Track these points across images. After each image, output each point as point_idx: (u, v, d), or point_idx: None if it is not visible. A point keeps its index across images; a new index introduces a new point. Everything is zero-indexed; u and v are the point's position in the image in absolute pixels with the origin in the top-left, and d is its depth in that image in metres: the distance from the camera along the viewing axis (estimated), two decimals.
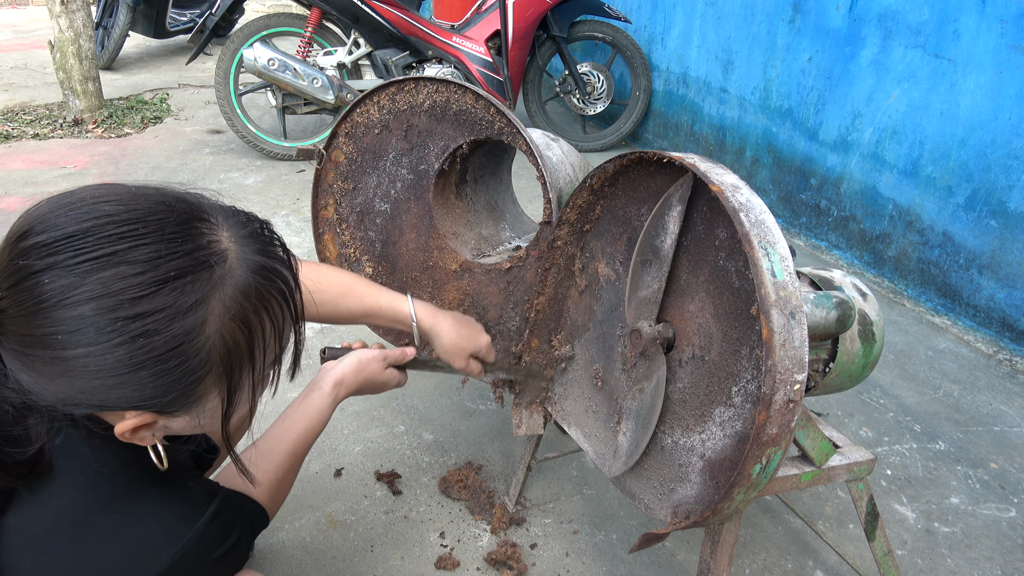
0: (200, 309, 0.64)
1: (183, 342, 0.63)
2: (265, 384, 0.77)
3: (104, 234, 0.61)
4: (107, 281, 0.60)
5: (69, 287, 0.60)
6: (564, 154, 1.46)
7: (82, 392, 0.63)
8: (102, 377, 0.62)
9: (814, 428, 1.16)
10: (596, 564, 1.47)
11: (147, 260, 0.61)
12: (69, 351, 0.61)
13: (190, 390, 0.67)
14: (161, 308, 0.62)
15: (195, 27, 3.73)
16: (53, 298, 0.60)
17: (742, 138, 3.55)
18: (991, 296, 2.41)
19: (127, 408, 0.66)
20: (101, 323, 0.60)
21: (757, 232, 0.87)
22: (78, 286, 0.60)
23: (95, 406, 0.65)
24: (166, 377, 0.64)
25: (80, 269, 0.60)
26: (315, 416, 1.08)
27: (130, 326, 0.61)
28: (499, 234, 1.63)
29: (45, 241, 0.61)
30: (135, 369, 0.62)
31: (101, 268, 0.60)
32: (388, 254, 1.55)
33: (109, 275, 0.60)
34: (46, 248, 0.61)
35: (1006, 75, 2.27)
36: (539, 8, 3.78)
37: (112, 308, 0.60)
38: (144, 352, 0.62)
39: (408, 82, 1.41)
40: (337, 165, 1.53)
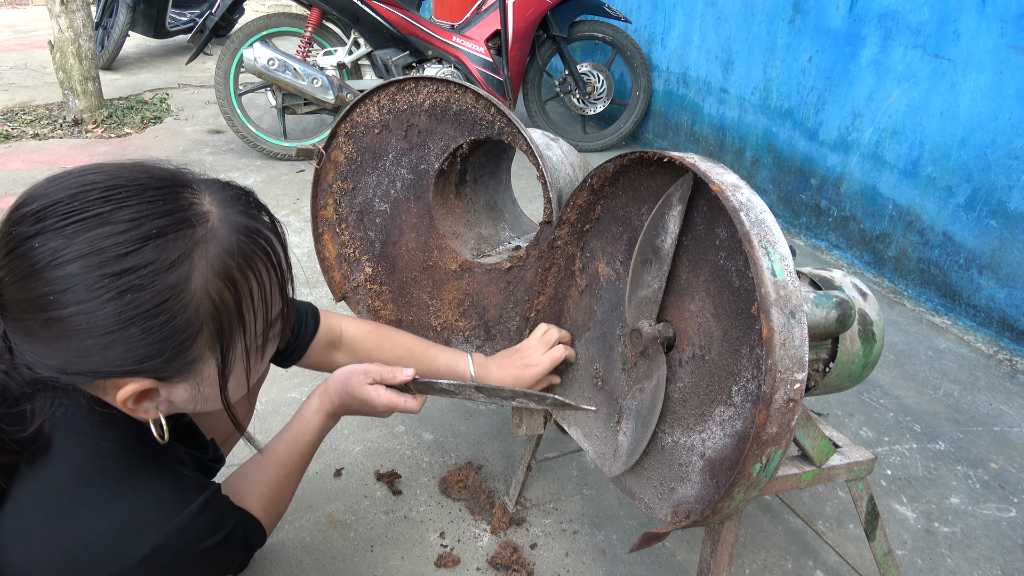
0: (184, 265, 0.66)
1: (169, 297, 0.66)
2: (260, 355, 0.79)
3: (89, 199, 0.65)
4: (93, 240, 0.63)
5: (58, 248, 0.63)
6: (564, 154, 1.46)
7: (79, 355, 0.65)
8: (95, 336, 0.64)
9: (814, 428, 1.16)
10: (596, 564, 1.47)
11: (130, 220, 0.65)
12: (62, 310, 0.63)
13: (183, 350, 0.69)
14: (145, 264, 0.64)
15: (195, 27, 3.73)
16: (44, 259, 0.63)
17: (742, 138, 3.55)
18: (991, 296, 2.41)
19: (124, 372, 0.68)
20: (89, 280, 0.63)
21: (757, 231, 0.87)
22: (66, 247, 0.63)
23: (92, 372, 0.67)
24: (156, 334, 0.66)
25: (67, 231, 0.63)
26: (300, 426, 1.08)
27: (117, 282, 0.63)
28: (499, 234, 1.63)
29: (35, 209, 0.65)
30: (125, 325, 0.65)
31: (87, 229, 0.64)
32: (388, 254, 1.55)
33: (94, 235, 0.64)
34: (35, 215, 0.65)
35: (1006, 75, 2.27)
36: (539, 8, 3.78)
37: (99, 265, 0.63)
38: (132, 308, 0.64)
39: (408, 82, 1.41)
40: (337, 165, 1.54)
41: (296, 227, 3.01)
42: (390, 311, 1.59)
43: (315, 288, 2.48)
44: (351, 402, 1.08)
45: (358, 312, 1.63)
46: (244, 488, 1.02)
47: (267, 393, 1.91)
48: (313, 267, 2.62)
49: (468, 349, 1.50)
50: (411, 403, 1.08)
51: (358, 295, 1.61)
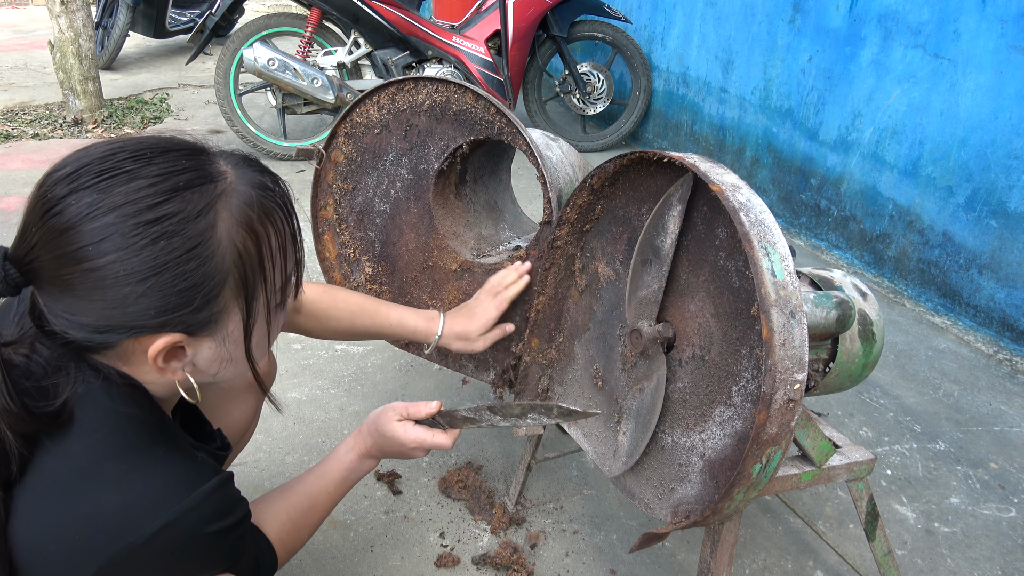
0: (209, 214, 0.71)
1: (199, 243, 0.70)
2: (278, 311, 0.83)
3: (118, 159, 0.70)
4: (126, 193, 0.68)
5: (93, 202, 0.68)
6: (564, 154, 1.46)
7: (115, 306, 0.69)
8: (132, 283, 0.68)
9: (814, 428, 1.16)
10: (596, 564, 1.47)
11: (158, 175, 0.70)
12: (99, 260, 0.68)
13: (211, 298, 0.73)
14: (175, 212, 0.69)
15: (195, 27, 3.73)
16: (80, 213, 0.67)
17: (742, 138, 3.55)
18: (991, 296, 2.41)
19: (155, 326, 0.71)
20: (124, 229, 0.68)
21: (757, 232, 0.87)
22: (101, 200, 0.68)
23: (126, 327, 0.71)
24: (188, 280, 0.70)
25: (100, 187, 0.68)
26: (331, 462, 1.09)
27: (151, 230, 0.68)
28: (499, 234, 1.63)
29: (67, 172, 0.70)
30: (159, 271, 0.69)
31: (119, 184, 0.69)
32: (388, 254, 1.55)
33: (126, 188, 0.69)
34: (68, 177, 0.69)
35: (1006, 75, 2.27)
36: (539, 8, 3.78)
37: (133, 215, 0.68)
38: (166, 253, 0.69)
39: (408, 82, 1.41)
40: (336, 165, 1.54)
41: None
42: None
43: None
44: (383, 442, 1.08)
45: None
46: (264, 513, 1.01)
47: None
48: (313, 267, 2.62)
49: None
50: (441, 439, 1.07)
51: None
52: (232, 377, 0.84)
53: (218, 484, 0.77)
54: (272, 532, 1.00)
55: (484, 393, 1.99)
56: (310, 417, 1.86)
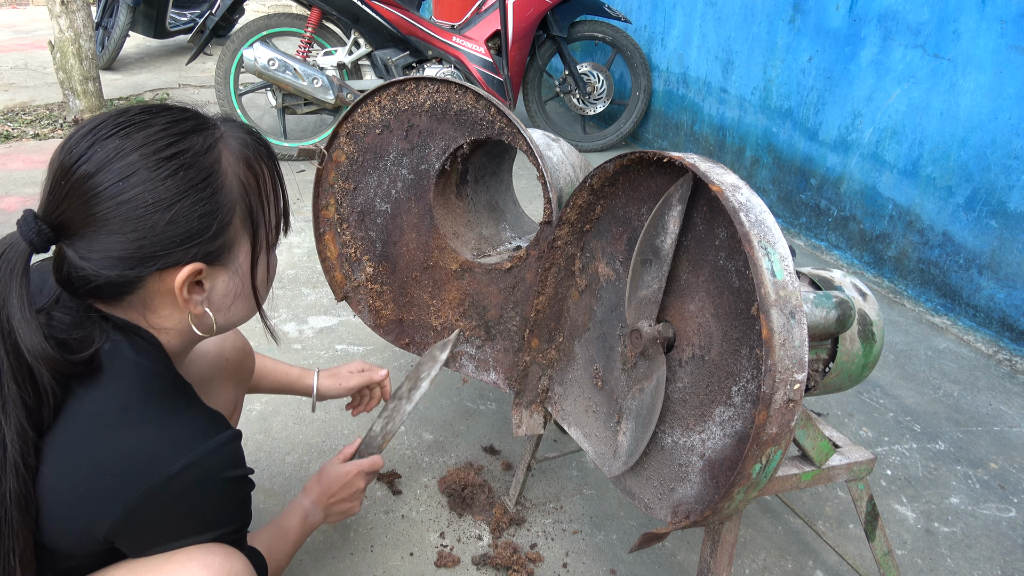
0: (215, 150, 0.82)
1: (210, 173, 0.81)
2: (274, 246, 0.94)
3: (130, 114, 0.80)
4: (144, 137, 0.78)
5: (118, 146, 0.77)
6: (564, 154, 1.46)
7: (145, 235, 0.77)
8: (159, 210, 0.78)
9: (814, 428, 1.16)
10: (596, 564, 1.47)
11: (167, 123, 0.81)
12: (130, 191, 0.77)
13: (225, 226, 0.83)
14: (189, 149, 0.80)
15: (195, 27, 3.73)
16: (107, 156, 0.77)
17: (742, 138, 3.55)
18: (991, 296, 2.41)
19: (181, 250, 0.80)
20: (148, 164, 0.77)
21: (757, 232, 0.87)
22: (124, 144, 0.77)
23: (156, 256, 0.79)
24: (205, 205, 0.81)
25: (120, 134, 0.78)
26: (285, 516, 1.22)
27: (171, 163, 0.78)
28: (500, 234, 1.63)
29: (86, 130, 0.79)
30: (181, 197, 0.79)
31: (136, 131, 0.78)
32: (389, 254, 1.56)
33: (144, 133, 0.78)
34: (89, 133, 0.78)
35: (1006, 75, 2.27)
36: (539, 8, 3.78)
37: (153, 153, 0.78)
38: (185, 182, 0.79)
39: (409, 82, 1.41)
40: (338, 165, 1.54)
41: (296, 227, 3.01)
42: (391, 311, 1.59)
43: (316, 288, 2.48)
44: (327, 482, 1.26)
45: (359, 312, 1.63)
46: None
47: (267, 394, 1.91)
48: (314, 267, 2.63)
49: (468, 349, 1.50)
50: (372, 458, 1.30)
51: (359, 295, 1.62)
52: (240, 318, 0.93)
53: (233, 435, 0.85)
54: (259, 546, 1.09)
55: (484, 393, 1.99)
56: (310, 417, 1.86)
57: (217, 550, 0.85)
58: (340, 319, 2.31)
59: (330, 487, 1.25)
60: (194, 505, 0.82)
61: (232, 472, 0.84)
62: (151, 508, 0.78)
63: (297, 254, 2.75)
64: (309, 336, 2.21)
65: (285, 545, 1.14)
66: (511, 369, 1.43)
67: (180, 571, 0.82)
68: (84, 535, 0.78)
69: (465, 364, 1.51)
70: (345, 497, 1.26)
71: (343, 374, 1.47)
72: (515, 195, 1.74)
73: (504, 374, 1.45)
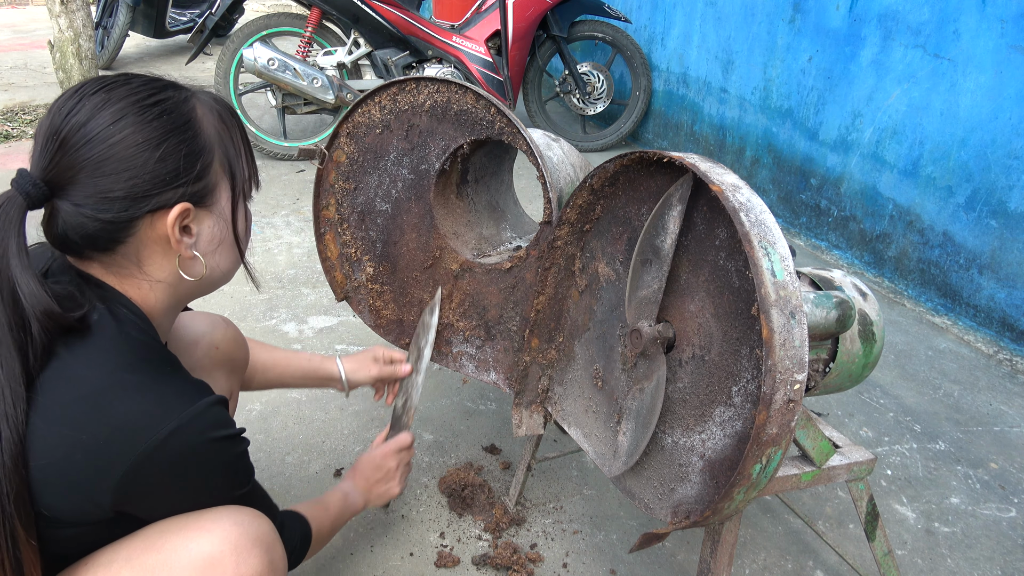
0: (190, 102, 0.90)
1: (189, 119, 0.88)
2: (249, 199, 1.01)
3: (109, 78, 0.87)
4: (127, 90, 0.85)
5: (105, 97, 0.84)
6: (565, 154, 1.46)
7: (137, 174, 0.83)
8: (149, 148, 0.84)
9: (814, 428, 1.16)
10: (596, 564, 1.47)
11: (144, 81, 0.89)
12: (120, 133, 0.82)
13: (207, 167, 0.90)
14: (168, 98, 0.88)
15: (195, 27, 3.73)
16: (96, 105, 0.83)
17: (742, 138, 3.55)
18: (991, 296, 2.41)
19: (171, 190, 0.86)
20: (136, 109, 0.84)
21: (757, 232, 0.87)
22: (109, 96, 0.84)
23: (148, 195, 0.84)
24: (189, 145, 0.87)
25: (105, 89, 0.85)
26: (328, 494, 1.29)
27: (155, 108, 0.86)
28: (500, 234, 1.63)
29: (68, 94, 0.85)
30: (168, 136, 0.85)
31: (118, 87, 0.85)
32: (389, 254, 1.56)
33: (126, 87, 0.86)
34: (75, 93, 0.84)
35: (1006, 75, 2.27)
36: (539, 8, 3.78)
37: (138, 101, 0.85)
38: (170, 123, 0.86)
39: (409, 82, 1.41)
40: (339, 165, 1.54)
41: (296, 227, 3.01)
42: (391, 311, 1.59)
43: (316, 288, 2.48)
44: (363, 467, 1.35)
45: (359, 312, 1.63)
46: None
47: (268, 393, 1.91)
48: (314, 267, 2.63)
49: (468, 349, 1.50)
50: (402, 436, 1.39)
51: (360, 295, 1.62)
52: (227, 266, 0.98)
53: (217, 399, 0.88)
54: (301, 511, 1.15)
55: (484, 393, 1.99)
56: (310, 417, 1.86)
57: (246, 511, 0.91)
58: (340, 319, 2.31)
59: (364, 471, 1.33)
60: (190, 466, 0.84)
61: (220, 432, 0.86)
62: (148, 471, 0.80)
63: (297, 254, 2.75)
64: (309, 336, 2.21)
65: (326, 517, 1.20)
66: (511, 369, 1.43)
67: (211, 527, 0.86)
68: (85, 501, 0.80)
69: (465, 364, 1.51)
70: (380, 479, 1.34)
71: (365, 360, 1.49)
72: (516, 195, 1.74)
73: (504, 374, 1.45)
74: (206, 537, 0.85)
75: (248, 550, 0.87)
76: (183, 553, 0.84)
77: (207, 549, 0.84)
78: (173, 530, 0.86)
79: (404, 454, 1.39)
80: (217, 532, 0.86)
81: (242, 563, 0.86)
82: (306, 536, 1.12)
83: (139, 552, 0.85)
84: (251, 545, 0.87)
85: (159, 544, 0.85)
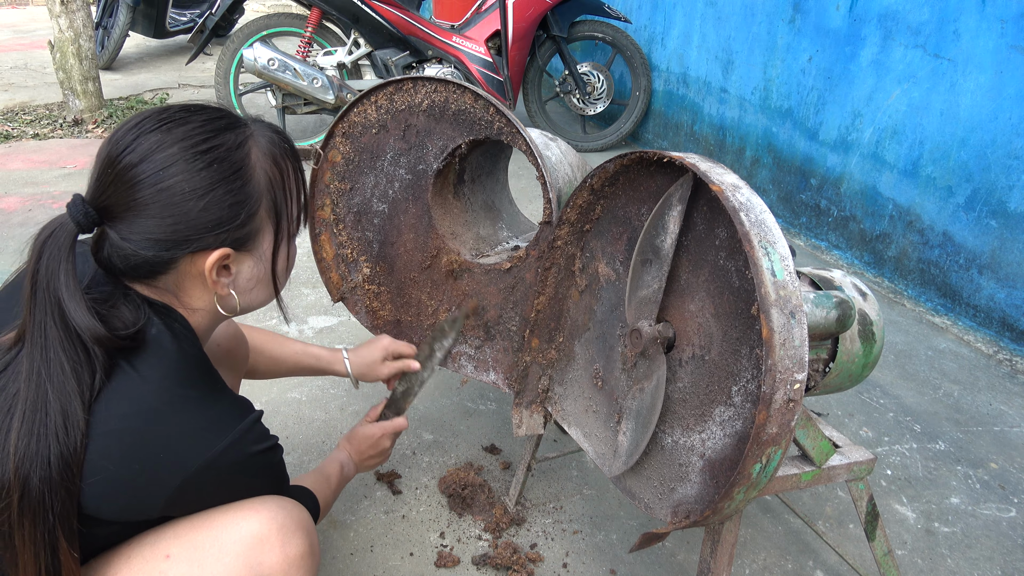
0: (245, 146, 0.91)
1: (241, 167, 0.90)
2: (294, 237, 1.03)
3: (172, 111, 0.89)
4: (183, 132, 0.86)
5: (160, 140, 0.85)
6: (563, 154, 1.46)
7: (181, 220, 0.85)
8: (195, 198, 0.86)
9: (814, 428, 1.16)
10: (596, 564, 1.47)
11: (204, 120, 0.89)
12: (169, 180, 0.84)
13: (252, 214, 0.91)
14: (222, 144, 0.89)
15: (195, 27, 3.73)
16: (151, 148, 0.85)
17: (742, 138, 3.55)
18: (991, 296, 2.41)
19: (212, 235, 0.88)
20: (187, 156, 0.86)
21: (757, 231, 0.87)
22: (165, 138, 0.85)
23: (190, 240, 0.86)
24: (236, 195, 0.89)
25: (162, 129, 0.86)
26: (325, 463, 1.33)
27: (205, 156, 0.87)
28: (496, 234, 1.63)
29: (130, 125, 0.87)
30: (215, 187, 0.87)
31: (177, 126, 0.87)
32: (386, 254, 1.55)
33: (183, 129, 0.87)
34: (134, 128, 0.86)
35: (1006, 75, 2.27)
36: (539, 8, 3.77)
37: (191, 147, 0.86)
38: (219, 174, 0.87)
39: (406, 82, 1.41)
40: (334, 165, 1.53)
41: None
42: (388, 311, 1.59)
43: (316, 288, 2.48)
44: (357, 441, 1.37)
45: (356, 313, 1.62)
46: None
47: (267, 393, 1.91)
48: (314, 267, 2.62)
49: (467, 349, 1.50)
50: (397, 421, 1.39)
51: (356, 296, 1.61)
52: (261, 301, 1.02)
53: (259, 414, 0.94)
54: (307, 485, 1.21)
55: (484, 393, 1.99)
56: (310, 417, 1.86)
57: (288, 499, 0.97)
58: (339, 319, 2.31)
59: (359, 446, 1.37)
60: (237, 477, 0.91)
61: (262, 446, 0.93)
62: (200, 484, 0.86)
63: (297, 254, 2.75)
64: (309, 336, 2.21)
65: (328, 489, 1.26)
66: (511, 369, 1.43)
67: (259, 508, 0.92)
68: (132, 508, 0.85)
69: (464, 364, 1.51)
70: (373, 455, 1.38)
71: (374, 360, 1.48)
72: (511, 194, 1.74)
73: (504, 374, 1.45)
74: (255, 517, 0.91)
75: (293, 532, 0.93)
76: (233, 531, 0.89)
77: (256, 528, 0.90)
78: (221, 512, 0.91)
79: (397, 435, 1.43)
80: (265, 513, 0.92)
81: (287, 543, 0.92)
82: (315, 511, 1.17)
83: (187, 530, 0.90)
84: (296, 528, 0.93)
85: (208, 523, 0.90)
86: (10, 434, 0.78)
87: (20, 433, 0.78)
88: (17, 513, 0.78)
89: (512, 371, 1.42)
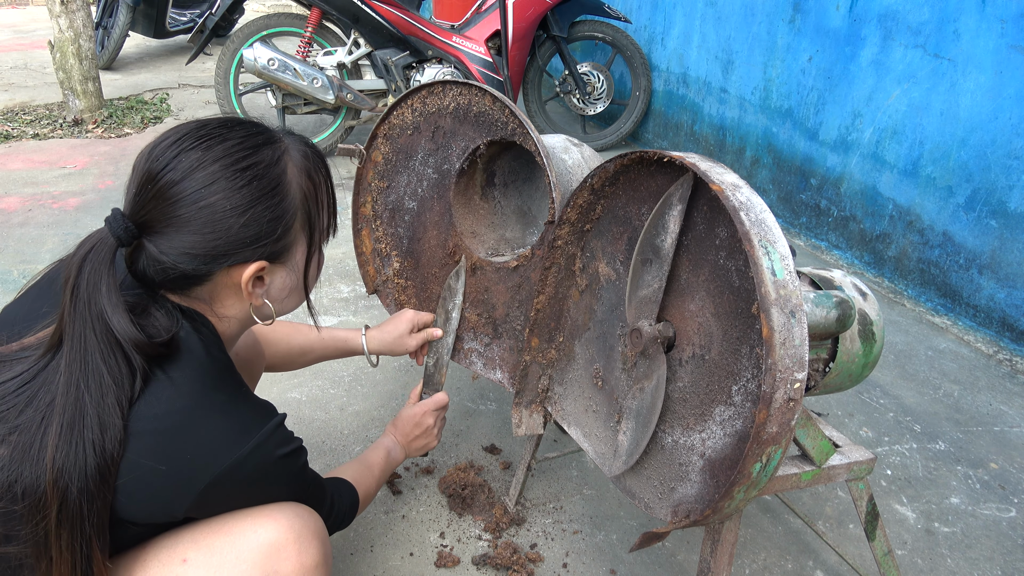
0: (282, 162, 0.93)
1: (279, 183, 0.92)
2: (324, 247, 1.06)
3: (211, 127, 0.90)
4: (223, 149, 0.88)
5: (200, 157, 0.87)
6: (584, 159, 1.48)
7: (221, 236, 0.87)
8: (235, 215, 0.87)
9: (814, 427, 1.16)
10: (596, 564, 1.47)
11: (242, 136, 0.91)
12: (210, 198, 0.86)
13: (287, 229, 0.94)
14: (261, 161, 0.91)
15: (195, 27, 3.73)
16: (191, 166, 0.86)
17: (742, 138, 3.55)
18: (991, 296, 2.41)
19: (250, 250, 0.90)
20: (228, 174, 0.87)
21: (757, 231, 0.87)
22: (206, 155, 0.87)
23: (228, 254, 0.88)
24: (274, 211, 0.91)
25: (203, 146, 0.87)
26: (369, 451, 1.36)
27: (247, 173, 0.89)
28: (525, 238, 1.63)
29: (170, 141, 0.88)
30: (254, 204, 0.89)
31: (216, 144, 0.88)
32: (413, 250, 1.61)
33: (223, 147, 0.88)
34: (173, 144, 0.87)
35: (1006, 75, 2.27)
36: (539, 8, 3.78)
37: (231, 164, 0.88)
38: (259, 190, 0.89)
39: (437, 85, 1.47)
40: (376, 164, 1.60)
41: None
42: (413, 305, 1.65)
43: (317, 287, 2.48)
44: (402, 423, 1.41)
45: (387, 305, 1.68)
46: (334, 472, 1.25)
47: (267, 394, 1.91)
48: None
49: (476, 346, 1.52)
50: (438, 396, 1.45)
51: (387, 289, 1.68)
52: (290, 308, 1.06)
53: (282, 417, 0.95)
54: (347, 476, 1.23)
55: (484, 393, 1.99)
56: (310, 417, 1.86)
57: (304, 507, 0.98)
58: (339, 319, 2.31)
59: (404, 427, 1.40)
60: (262, 480, 0.92)
61: (285, 450, 0.94)
62: (225, 487, 0.88)
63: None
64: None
65: (370, 477, 1.28)
66: (515, 368, 1.44)
67: (276, 516, 0.93)
68: (160, 510, 0.86)
69: (474, 361, 1.54)
70: (420, 435, 1.41)
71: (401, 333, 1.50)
72: None
73: (509, 373, 1.46)
74: (272, 525, 0.92)
75: (309, 541, 0.94)
76: (250, 537, 0.91)
77: (273, 536, 0.91)
78: (238, 517, 0.92)
79: (441, 411, 1.45)
80: (282, 521, 0.93)
81: (303, 552, 0.93)
82: (354, 503, 1.19)
83: (204, 535, 0.91)
84: (312, 536, 0.95)
85: (226, 528, 0.91)
86: (46, 445, 0.78)
87: (58, 444, 0.78)
88: (55, 524, 0.78)
89: (515, 370, 1.43)
